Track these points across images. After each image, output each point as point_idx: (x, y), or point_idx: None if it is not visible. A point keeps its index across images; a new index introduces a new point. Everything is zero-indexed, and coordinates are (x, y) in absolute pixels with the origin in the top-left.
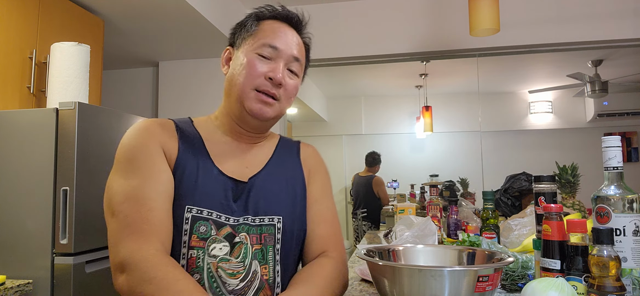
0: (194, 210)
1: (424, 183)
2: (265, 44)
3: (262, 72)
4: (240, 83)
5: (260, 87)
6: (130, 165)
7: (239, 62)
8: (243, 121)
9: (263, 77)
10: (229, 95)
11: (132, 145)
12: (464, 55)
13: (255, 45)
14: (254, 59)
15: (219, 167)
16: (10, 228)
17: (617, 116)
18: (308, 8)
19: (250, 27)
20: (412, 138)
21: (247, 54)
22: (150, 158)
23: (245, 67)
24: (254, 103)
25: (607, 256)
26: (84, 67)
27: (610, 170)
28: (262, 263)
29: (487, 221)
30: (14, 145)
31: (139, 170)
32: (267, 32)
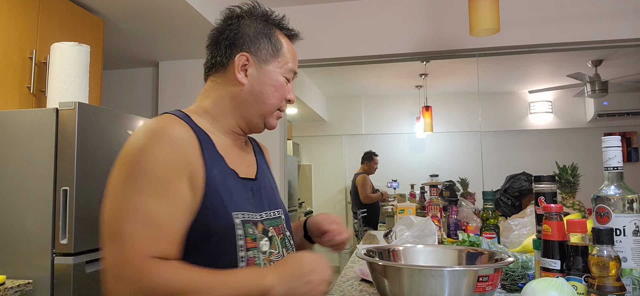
0: (240, 215)
1: (424, 183)
2: (291, 70)
3: (284, 94)
4: (271, 103)
5: (281, 107)
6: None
7: (271, 81)
8: (253, 129)
9: (283, 98)
10: (249, 107)
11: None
12: (464, 55)
13: (284, 69)
14: (283, 82)
15: (233, 169)
16: (10, 228)
17: (617, 116)
18: (309, 8)
19: (274, 44)
20: (412, 138)
21: (277, 75)
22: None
23: (278, 90)
24: (274, 120)
25: (607, 256)
26: (84, 67)
27: (610, 170)
28: (288, 250)
29: (487, 221)
30: (14, 145)
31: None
32: (290, 56)
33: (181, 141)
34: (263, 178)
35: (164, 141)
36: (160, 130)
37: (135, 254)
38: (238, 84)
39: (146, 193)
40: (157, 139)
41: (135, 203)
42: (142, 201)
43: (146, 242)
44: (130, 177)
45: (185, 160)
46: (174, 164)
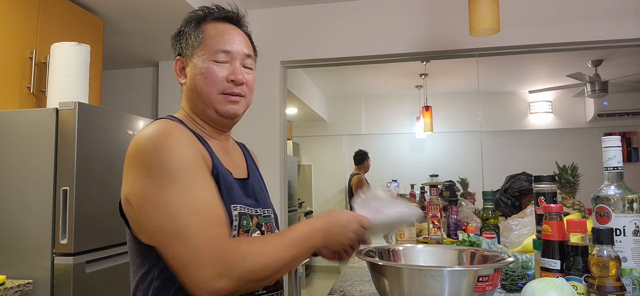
0: (238, 208)
1: (424, 183)
2: (218, 51)
3: (222, 76)
4: (205, 91)
5: (225, 90)
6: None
7: (198, 71)
8: (217, 122)
9: (225, 81)
10: (197, 102)
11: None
12: (464, 55)
13: (209, 53)
14: (211, 65)
15: (227, 167)
16: (10, 228)
17: (617, 116)
18: (309, 8)
19: (195, 36)
20: (412, 138)
21: (203, 62)
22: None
23: (206, 75)
24: (225, 105)
25: (607, 256)
26: (84, 67)
27: (610, 170)
28: None
29: (487, 221)
30: (14, 145)
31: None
32: (216, 37)
33: (191, 138)
34: (254, 179)
35: (180, 139)
36: (170, 130)
37: (208, 239)
38: (183, 86)
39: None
40: (173, 139)
41: (184, 200)
42: (188, 196)
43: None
44: (165, 179)
45: (200, 153)
46: (197, 157)
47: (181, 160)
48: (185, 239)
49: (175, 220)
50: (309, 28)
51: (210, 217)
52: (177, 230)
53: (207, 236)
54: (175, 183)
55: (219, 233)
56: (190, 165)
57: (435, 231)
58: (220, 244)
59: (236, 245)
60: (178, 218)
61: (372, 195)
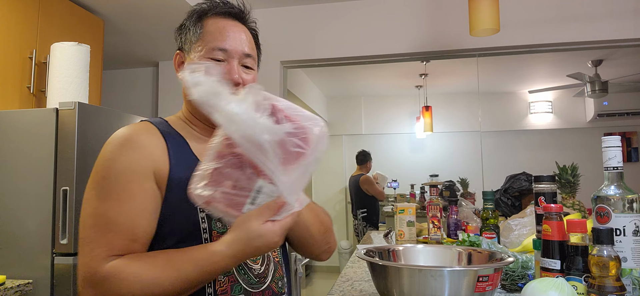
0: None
1: (424, 183)
2: (214, 48)
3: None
4: None
5: None
6: (107, 185)
7: None
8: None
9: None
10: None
11: (111, 160)
12: (464, 55)
13: (206, 50)
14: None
15: None
16: (10, 228)
17: (617, 116)
18: (309, 8)
19: (195, 31)
20: (412, 138)
21: (199, 59)
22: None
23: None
24: None
25: (607, 256)
26: (84, 67)
27: (610, 170)
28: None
29: (487, 221)
30: (14, 145)
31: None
32: (214, 34)
33: (144, 146)
34: None
35: (128, 147)
36: (127, 137)
37: (90, 257)
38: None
39: (108, 198)
40: (121, 146)
41: (95, 209)
42: (102, 206)
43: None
44: (94, 186)
45: (150, 162)
46: (137, 167)
47: (115, 169)
48: (81, 250)
49: (81, 228)
50: (309, 28)
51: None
52: (81, 238)
53: (91, 253)
54: (98, 191)
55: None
56: (122, 175)
57: (435, 231)
58: (97, 267)
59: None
60: (83, 228)
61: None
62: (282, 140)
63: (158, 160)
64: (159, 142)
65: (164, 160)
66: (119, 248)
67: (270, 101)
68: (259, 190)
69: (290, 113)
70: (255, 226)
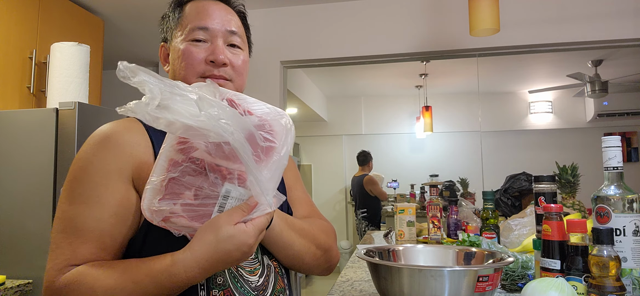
0: None
1: (424, 183)
2: (193, 28)
3: (201, 58)
4: (183, 76)
5: (204, 73)
6: (78, 186)
7: (175, 55)
8: None
9: (204, 63)
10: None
11: (85, 160)
12: (464, 55)
13: (185, 33)
14: (188, 47)
15: None
16: (10, 228)
17: (617, 116)
18: (309, 8)
19: (174, 16)
20: (412, 138)
21: (180, 44)
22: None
23: (182, 58)
24: None
25: (607, 256)
26: (84, 67)
27: (610, 170)
28: (270, 258)
29: (487, 221)
30: (14, 145)
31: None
32: (193, 15)
33: (124, 145)
34: None
35: (104, 147)
36: (107, 136)
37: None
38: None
39: (77, 201)
40: (97, 146)
41: (64, 212)
42: (71, 210)
43: (69, 252)
44: (66, 187)
45: (128, 162)
46: (112, 168)
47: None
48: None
49: (52, 232)
50: (309, 28)
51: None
52: (50, 242)
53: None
54: (68, 193)
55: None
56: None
57: (435, 231)
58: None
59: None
60: (53, 231)
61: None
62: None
63: (139, 161)
64: (142, 140)
65: (147, 160)
66: (84, 256)
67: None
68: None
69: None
70: (225, 227)
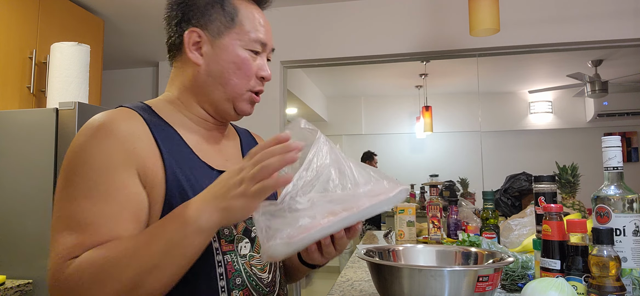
0: None
1: (424, 183)
2: (256, 40)
3: (253, 71)
4: (234, 83)
5: (254, 88)
6: (78, 181)
7: (230, 57)
8: (225, 117)
9: (256, 77)
10: (211, 90)
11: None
12: (464, 55)
13: (245, 40)
14: (247, 56)
15: (207, 162)
16: (10, 228)
17: (617, 116)
18: (309, 8)
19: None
20: (412, 138)
21: (237, 49)
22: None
23: (240, 67)
24: (246, 105)
25: (607, 256)
26: (84, 67)
27: (610, 170)
28: None
29: (487, 221)
30: (14, 145)
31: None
32: (252, 22)
33: (126, 136)
34: None
35: (104, 137)
36: (103, 126)
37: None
38: (194, 65)
39: (81, 196)
40: (96, 137)
41: (68, 209)
42: (75, 206)
43: (72, 247)
44: (66, 183)
45: (132, 155)
46: (116, 161)
47: (88, 163)
48: (51, 253)
49: (52, 229)
50: (309, 28)
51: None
52: (51, 241)
53: (57, 256)
54: (70, 188)
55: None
56: (97, 169)
57: (435, 231)
58: (62, 268)
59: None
60: (54, 228)
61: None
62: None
63: (144, 154)
64: (141, 132)
65: (153, 155)
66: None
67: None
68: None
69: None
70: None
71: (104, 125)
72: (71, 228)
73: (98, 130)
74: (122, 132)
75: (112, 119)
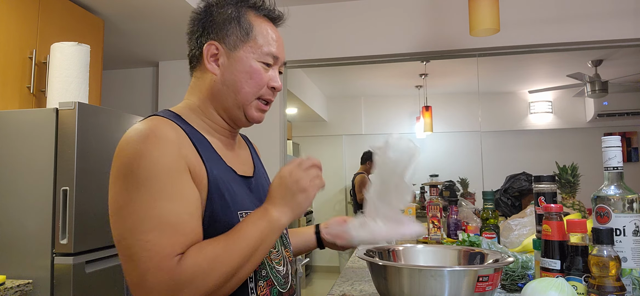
0: (244, 214)
1: (424, 183)
2: (268, 53)
3: (264, 82)
4: (246, 91)
5: (263, 96)
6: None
7: (244, 68)
8: (237, 123)
9: (266, 87)
10: (226, 98)
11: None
12: (464, 55)
13: (258, 53)
14: (259, 68)
15: (232, 167)
16: (10, 228)
17: (617, 116)
18: (309, 8)
19: (243, 27)
20: (412, 138)
21: (250, 60)
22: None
23: (252, 76)
24: (255, 112)
25: (607, 256)
26: (84, 67)
27: (610, 170)
28: (285, 248)
29: (487, 221)
30: (14, 145)
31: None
32: (266, 37)
33: (174, 140)
34: (259, 176)
35: (160, 142)
36: (152, 132)
37: (163, 258)
38: (212, 75)
39: (154, 198)
40: (152, 142)
41: (146, 212)
42: (152, 208)
43: (168, 245)
44: (134, 187)
45: (183, 158)
46: (175, 163)
47: (155, 166)
48: (136, 257)
49: (131, 234)
50: (309, 28)
51: (170, 232)
52: (130, 245)
53: (157, 255)
54: (143, 192)
55: (170, 251)
56: (164, 172)
57: (435, 231)
58: (169, 264)
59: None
60: (134, 233)
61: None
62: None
63: (191, 159)
64: (183, 137)
65: (195, 157)
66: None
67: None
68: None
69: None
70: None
71: (153, 131)
72: (160, 229)
73: (149, 137)
74: (171, 137)
75: (157, 126)
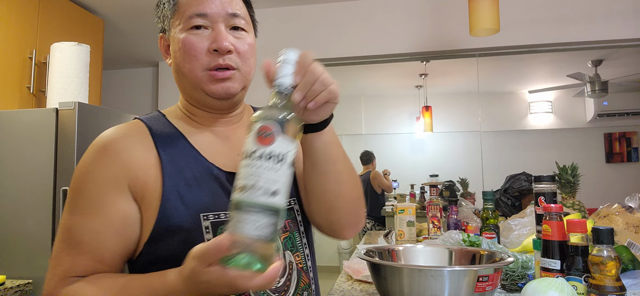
0: (211, 217)
1: (424, 183)
2: (191, 15)
3: (204, 48)
4: (188, 69)
5: (209, 65)
6: (77, 197)
7: (176, 46)
8: (211, 106)
9: (207, 53)
10: (184, 85)
11: (82, 170)
12: (464, 55)
13: (183, 21)
14: (188, 37)
15: (214, 164)
16: (10, 228)
17: (617, 116)
18: (309, 8)
19: (169, 3)
20: (412, 138)
21: (178, 35)
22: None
23: (185, 51)
24: (213, 85)
25: (607, 256)
26: (83, 67)
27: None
28: (293, 252)
29: (487, 221)
30: (14, 145)
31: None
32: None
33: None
34: None
35: (102, 156)
36: (97, 143)
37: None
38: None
39: (75, 213)
40: (95, 156)
41: (65, 222)
42: (69, 222)
43: (70, 270)
44: (68, 197)
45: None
46: (108, 178)
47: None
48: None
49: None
50: (308, 28)
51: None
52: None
53: (54, 271)
54: (69, 202)
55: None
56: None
57: (435, 231)
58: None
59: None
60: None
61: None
62: None
63: (138, 169)
64: (143, 148)
65: (148, 168)
66: (83, 268)
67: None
68: None
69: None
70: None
71: (103, 144)
72: (67, 245)
73: (98, 149)
74: (118, 149)
75: (112, 137)
